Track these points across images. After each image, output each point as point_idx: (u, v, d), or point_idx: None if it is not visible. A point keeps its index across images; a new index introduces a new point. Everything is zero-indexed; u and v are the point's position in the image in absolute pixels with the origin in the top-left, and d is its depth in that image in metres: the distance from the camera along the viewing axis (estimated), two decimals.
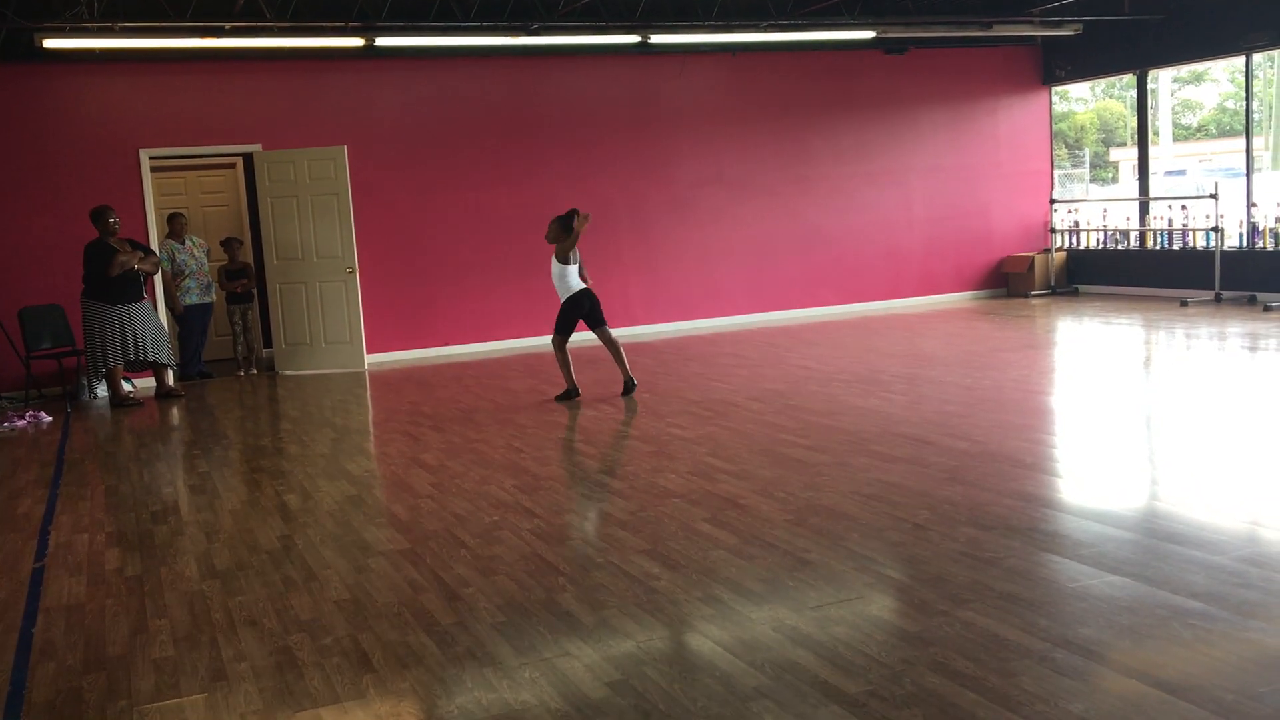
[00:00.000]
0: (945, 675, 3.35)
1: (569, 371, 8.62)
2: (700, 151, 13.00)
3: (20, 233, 10.43)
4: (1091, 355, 9.39)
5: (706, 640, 3.75)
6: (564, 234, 8.37)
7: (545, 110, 12.31)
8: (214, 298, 11.21)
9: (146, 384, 10.49)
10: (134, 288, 9.68)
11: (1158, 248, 13.46)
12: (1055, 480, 5.59)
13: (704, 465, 6.19)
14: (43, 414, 9.29)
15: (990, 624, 3.71)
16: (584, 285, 8.50)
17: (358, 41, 10.33)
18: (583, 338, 12.46)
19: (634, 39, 11.23)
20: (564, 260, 8.37)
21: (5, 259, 10.38)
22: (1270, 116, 21.04)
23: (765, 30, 11.50)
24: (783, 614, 3.93)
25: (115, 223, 9.61)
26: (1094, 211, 14.67)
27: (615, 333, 7.85)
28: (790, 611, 3.95)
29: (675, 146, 12.90)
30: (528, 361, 11.07)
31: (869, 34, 11.90)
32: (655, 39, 11.28)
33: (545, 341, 12.24)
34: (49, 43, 9.28)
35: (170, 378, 10.17)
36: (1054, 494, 5.34)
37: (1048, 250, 14.38)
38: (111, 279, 9.48)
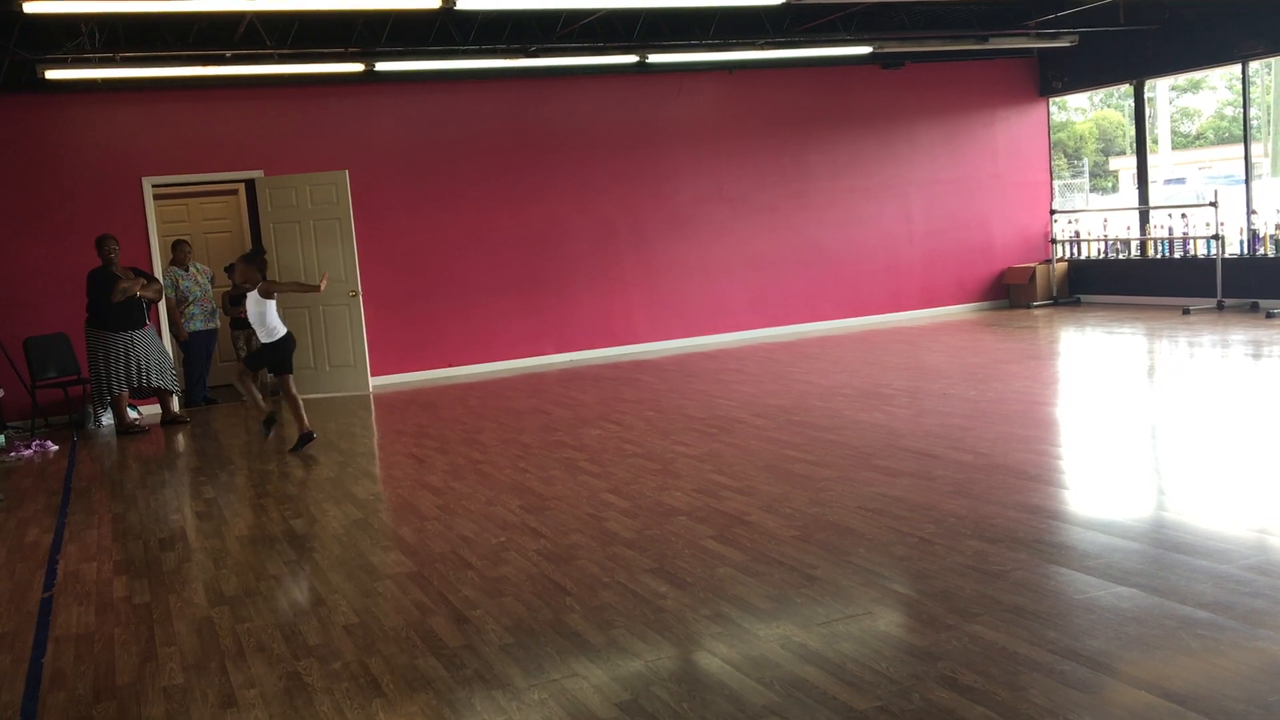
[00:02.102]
0: (954, 689, 3.35)
1: (258, 398, 8.44)
2: (699, 169, 13.05)
3: (24, 262, 10.48)
4: (1095, 365, 9.39)
5: (715, 658, 3.75)
6: (258, 274, 8.21)
7: (545, 131, 12.36)
8: (218, 324, 11.26)
9: (153, 410, 10.53)
10: (136, 315, 9.73)
11: (1159, 256, 13.48)
12: (1061, 492, 5.59)
13: (709, 482, 6.20)
14: (49, 443, 9.31)
15: (998, 637, 3.71)
16: (286, 328, 8.37)
17: (358, 67, 10.40)
18: (594, 355, 12.52)
19: (632, 59, 11.29)
20: (268, 295, 8.17)
21: (10, 289, 10.42)
22: (1269, 123, 21.08)
23: (762, 48, 11.55)
24: (791, 631, 3.93)
25: (115, 251, 9.64)
26: (1094, 221, 14.69)
27: (618, 351, 7.89)
28: (798, 628, 3.95)
29: (674, 164, 12.95)
30: (531, 381, 11.09)
31: (865, 50, 11.96)
32: (653, 58, 11.35)
33: (548, 361, 12.31)
34: (51, 74, 9.35)
35: (175, 404, 10.21)
36: (1060, 506, 5.34)
37: (1049, 261, 14.40)
38: (113, 306, 9.53)
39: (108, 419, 10.24)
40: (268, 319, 8.17)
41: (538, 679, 3.70)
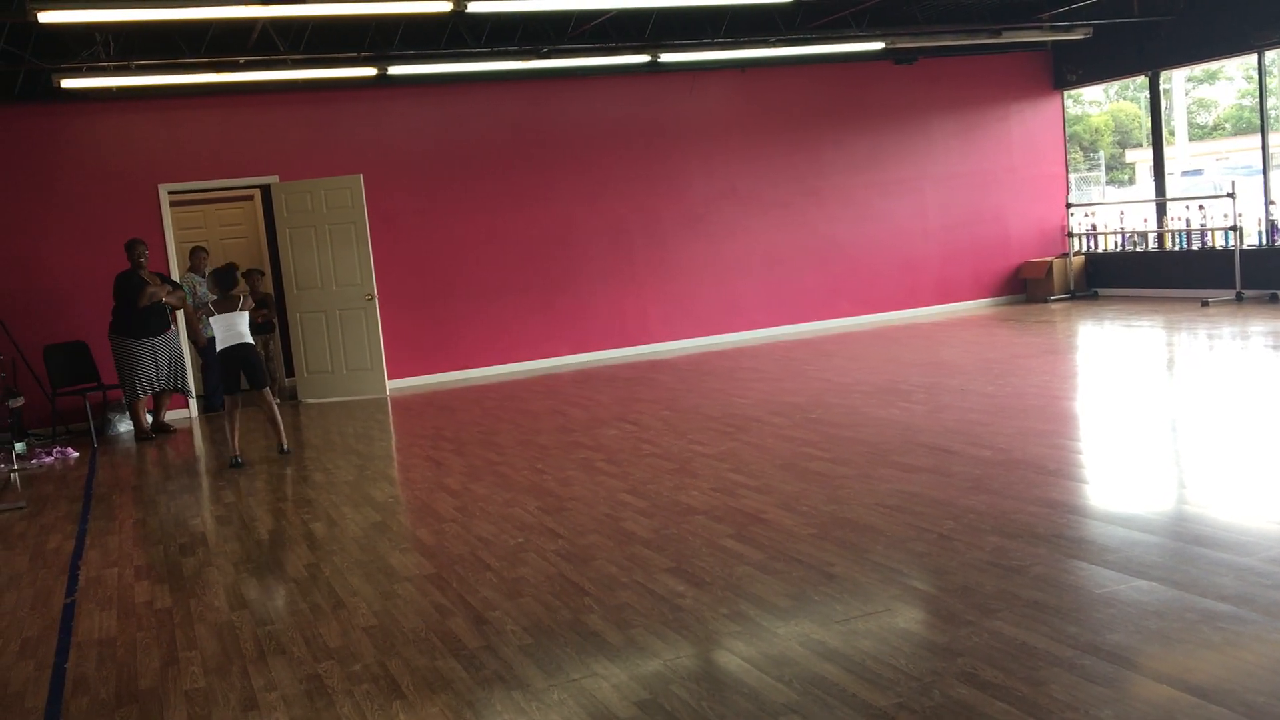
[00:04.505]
0: (974, 686, 3.34)
1: (236, 435, 8.28)
2: (713, 167, 13.04)
3: (43, 271, 10.55)
4: (1114, 359, 9.34)
5: (734, 657, 3.75)
6: (224, 290, 8.15)
7: (558, 132, 12.38)
8: None
9: (178, 415, 10.58)
10: (160, 320, 9.83)
11: (1177, 248, 13.39)
12: (1080, 486, 5.56)
13: (726, 481, 6.20)
14: (70, 449, 9.38)
15: (1018, 633, 3.69)
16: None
17: (370, 71, 10.43)
18: (609, 355, 12.53)
19: (644, 59, 11.28)
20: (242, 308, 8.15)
21: (29, 297, 10.49)
22: None
23: (774, 45, 11.53)
24: (809, 628, 3.93)
25: (144, 255, 9.72)
26: (1111, 214, 14.60)
27: (633, 350, 7.88)
28: (817, 626, 3.95)
29: (688, 163, 12.94)
30: (546, 382, 11.10)
31: (878, 45, 11.93)
32: (665, 58, 11.34)
33: (564, 361, 12.32)
34: (66, 83, 9.41)
35: (164, 414, 10.27)
36: (1079, 500, 5.31)
37: (1066, 254, 14.32)
38: (138, 312, 9.61)
39: (125, 425, 10.30)
40: (237, 325, 8.17)
41: (557, 679, 3.70)
